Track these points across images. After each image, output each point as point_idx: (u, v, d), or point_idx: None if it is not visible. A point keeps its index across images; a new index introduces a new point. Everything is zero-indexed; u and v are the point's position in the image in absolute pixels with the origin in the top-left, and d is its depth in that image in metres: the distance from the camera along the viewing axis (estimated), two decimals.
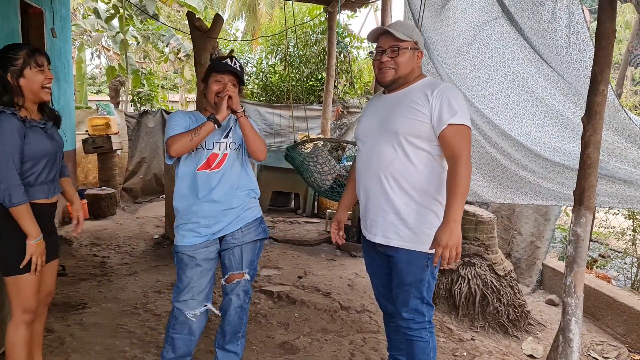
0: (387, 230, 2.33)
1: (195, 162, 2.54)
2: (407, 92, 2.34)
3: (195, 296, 2.57)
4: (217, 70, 2.55)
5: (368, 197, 2.40)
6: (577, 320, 2.18)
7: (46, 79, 2.33)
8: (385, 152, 2.31)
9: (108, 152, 8.22)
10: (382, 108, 2.40)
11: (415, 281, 2.31)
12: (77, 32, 14.21)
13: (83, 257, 5.18)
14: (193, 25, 5.31)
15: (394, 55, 2.30)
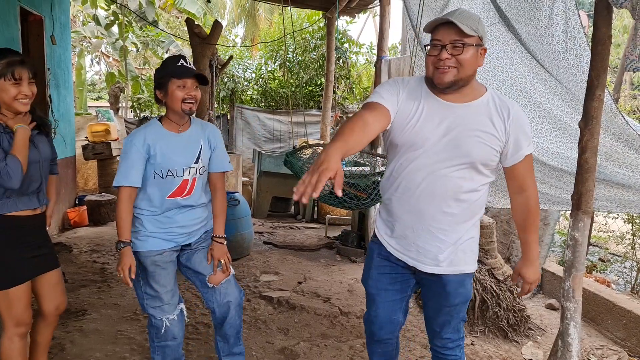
0: (440, 260, 2.10)
1: (166, 188, 2.46)
2: (474, 109, 2.02)
3: (170, 300, 2.57)
4: (177, 76, 2.38)
5: (418, 223, 2.09)
6: (576, 324, 2.18)
7: (20, 94, 2.23)
8: (454, 177, 2.02)
9: (108, 159, 8.24)
10: (449, 120, 2.01)
11: (462, 302, 2.19)
12: (76, 38, 14.26)
13: (83, 263, 5.17)
14: (192, 32, 5.34)
15: (456, 53, 1.91)
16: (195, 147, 2.51)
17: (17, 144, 2.22)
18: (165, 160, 2.42)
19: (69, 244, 5.81)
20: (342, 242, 6.12)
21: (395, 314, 2.29)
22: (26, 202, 2.34)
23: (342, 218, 7.46)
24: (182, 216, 2.53)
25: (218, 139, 2.64)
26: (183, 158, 2.46)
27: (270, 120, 11.04)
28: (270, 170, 7.80)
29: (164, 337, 2.60)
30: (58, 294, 2.54)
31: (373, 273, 2.27)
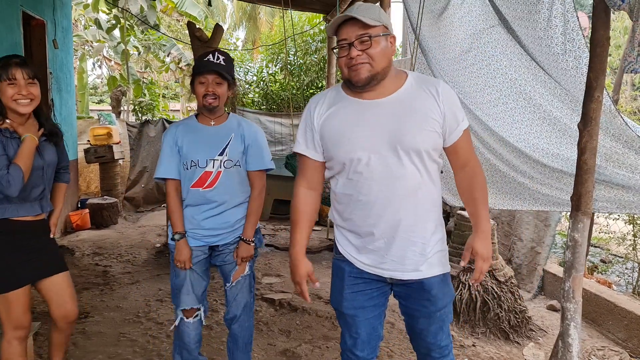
0: (419, 263, 1.97)
1: (189, 179, 2.51)
2: (409, 95, 1.91)
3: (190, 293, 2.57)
4: (198, 72, 2.44)
5: (393, 234, 1.94)
6: (576, 325, 2.19)
7: (16, 94, 2.24)
8: (409, 177, 1.90)
9: (110, 162, 8.26)
10: (381, 117, 1.90)
11: (448, 302, 2.08)
12: (78, 42, 14.31)
13: (85, 266, 5.19)
14: (193, 35, 5.36)
15: (365, 47, 1.83)
16: (223, 140, 2.52)
17: (22, 153, 2.23)
18: (189, 151, 2.49)
19: (72, 247, 5.83)
20: None
21: (376, 330, 2.12)
22: (27, 209, 2.34)
23: None
24: (209, 221, 2.53)
25: (254, 136, 2.59)
26: (207, 150, 2.50)
27: (272, 123, 11.03)
28: (272, 173, 7.75)
29: (179, 335, 2.61)
30: (65, 300, 2.51)
31: (346, 293, 2.07)
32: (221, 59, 2.45)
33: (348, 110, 1.94)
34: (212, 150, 2.50)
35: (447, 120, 1.90)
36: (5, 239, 2.30)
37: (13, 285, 2.30)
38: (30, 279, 2.39)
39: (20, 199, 2.30)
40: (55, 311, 2.50)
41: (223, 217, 2.55)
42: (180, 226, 2.52)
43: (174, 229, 2.53)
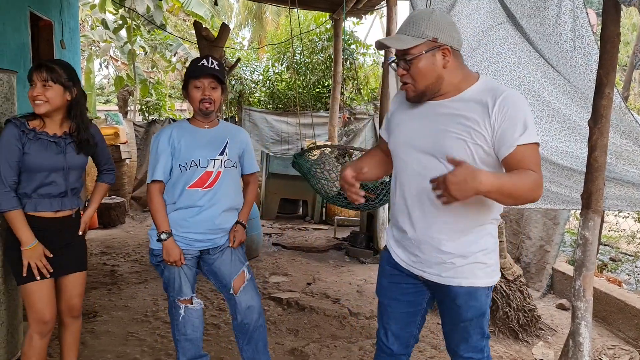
0: (443, 269, 1.93)
1: (187, 179, 2.49)
2: (461, 104, 1.83)
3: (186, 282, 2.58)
4: (194, 76, 2.45)
5: (416, 230, 1.94)
6: (587, 324, 2.17)
7: (31, 96, 2.34)
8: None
9: (117, 162, 8.28)
10: (427, 119, 1.89)
11: (477, 316, 1.96)
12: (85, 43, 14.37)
13: (93, 265, 5.21)
14: (200, 35, 5.38)
15: (407, 67, 1.82)
16: (221, 141, 2.56)
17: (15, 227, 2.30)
18: (189, 151, 2.48)
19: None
20: (351, 243, 6.12)
21: (408, 327, 2.13)
22: (45, 205, 2.38)
23: (350, 219, 7.46)
24: (203, 224, 2.51)
25: (247, 141, 2.72)
26: (207, 149, 2.51)
27: (278, 122, 11.05)
28: (279, 172, 7.81)
29: (183, 328, 2.60)
30: (74, 296, 2.57)
31: (383, 281, 2.14)
32: (215, 64, 2.48)
33: (408, 107, 1.99)
34: (212, 151, 2.52)
35: (497, 134, 1.76)
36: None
37: (32, 277, 2.33)
38: (53, 273, 2.42)
39: (38, 195, 2.36)
40: (62, 304, 2.54)
41: (217, 219, 2.54)
42: (166, 225, 2.49)
43: (160, 229, 2.48)
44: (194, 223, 2.50)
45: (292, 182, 7.65)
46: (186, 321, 2.60)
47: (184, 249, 2.53)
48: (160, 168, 2.48)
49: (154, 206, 2.52)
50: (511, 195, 1.67)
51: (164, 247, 2.48)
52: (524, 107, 1.78)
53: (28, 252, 2.31)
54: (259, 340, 2.68)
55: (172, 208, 2.53)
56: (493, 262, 1.96)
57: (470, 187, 1.56)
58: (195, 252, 2.57)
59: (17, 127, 2.29)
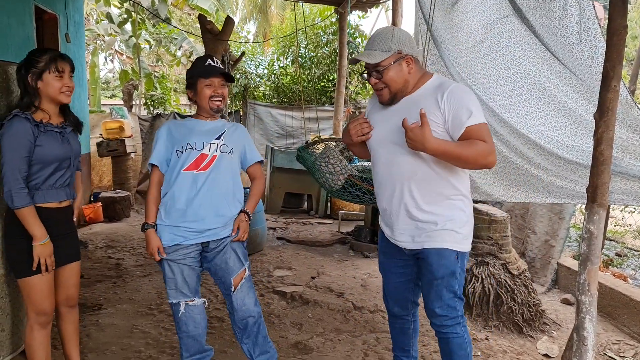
0: (416, 235, 2.33)
1: (182, 162, 2.50)
2: (415, 99, 2.29)
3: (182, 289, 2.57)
4: (204, 75, 2.54)
5: (391, 208, 2.38)
6: (592, 318, 2.16)
7: (64, 86, 2.37)
8: (405, 165, 2.29)
9: (122, 156, 8.30)
10: (392, 115, 2.33)
11: (447, 274, 2.31)
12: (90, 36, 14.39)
13: (98, 259, 5.23)
14: (204, 28, 5.37)
15: (379, 77, 2.27)
16: (219, 130, 2.62)
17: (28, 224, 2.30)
18: (186, 135, 2.55)
19: (85, 239, 5.88)
20: (355, 237, 6.12)
21: (403, 293, 2.58)
22: (54, 195, 2.42)
23: (355, 213, 7.46)
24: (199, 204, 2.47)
25: (245, 134, 2.78)
26: (205, 135, 2.56)
27: (283, 116, 11.05)
28: (283, 166, 7.81)
29: (184, 325, 2.59)
30: (71, 286, 2.59)
31: (381, 257, 2.63)
32: (219, 64, 2.62)
33: (378, 106, 2.44)
34: (209, 136, 2.57)
35: (449, 120, 2.19)
36: None
37: (37, 269, 2.34)
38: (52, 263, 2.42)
39: (48, 186, 2.39)
40: (59, 295, 2.55)
41: (214, 204, 2.52)
42: (152, 218, 2.55)
43: (146, 219, 2.55)
44: (192, 209, 2.47)
45: (296, 176, 7.65)
46: (187, 318, 2.59)
47: (182, 243, 2.51)
48: (156, 154, 2.56)
49: (148, 196, 2.60)
50: (459, 158, 2.14)
51: (145, 237, 2.54)
52: (468, 95, 2.21)
53: (40, 248, 2.32)
54: (259, 334, 2.68)
55: (168, 195, 2.53)
56: (463, 232, 2.34)
57: (419, 144, 2.10)
58: (197, 248, 2.55)
59: (29, 121, 2.28)
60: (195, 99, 2.59)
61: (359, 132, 2.43)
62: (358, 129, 2.42)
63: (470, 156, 2.12)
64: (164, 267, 2.56)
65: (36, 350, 2.44)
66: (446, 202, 2.30)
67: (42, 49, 2.44)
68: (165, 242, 2.51)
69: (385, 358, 3.25)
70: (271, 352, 2.75)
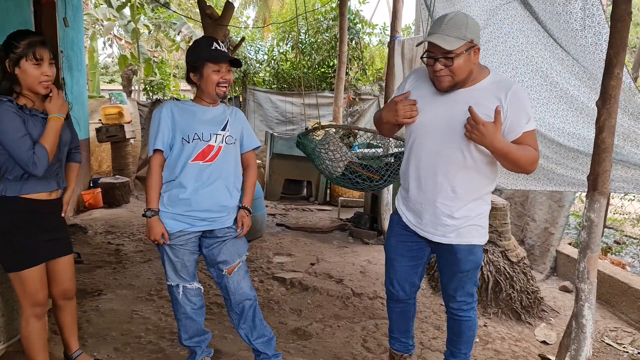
0: (446, 229, 2.35)
1: (189, 152, 2.47)
2: (476, 93, 2.22)
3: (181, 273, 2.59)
4: (213, 61, 2.46)
5: (424, 197, 2.36)
6: (591, 305, 2.16)
7: (42, 75, 2.23)
8: (452, 158, 2.26)
9: (121, 141, 8.28)
10: (446, 105, 2.27)
11: (473, 268, 2.43)
12: (89, 21, 14.27)
13: (98, 244, 5.24)
14: (204, 13, 5.32)
15: (448, 64, 2.15)
16: (222, 118, 2.59)
17: (48, 134, 2.23)
18: (192, 124, 2.49)
19: (84, 225, 5.88)
20: (354, 224, 6.12)
21: (411, 278, 2.60)
22: (44, 185, 2.35)
23: (354, 200, 7.46)
24: (204, 195, 2.48)
25: (243, 118, 2.74)
26: (210, 124, 2.53)
27: (283, 102, 11.01)
28: (283, 153, 7.78)
29: (182, 307, 2.62)
30: (66, 280, 2.55)
31: (392, 240, 2.59)
32: (224, 47, 2.54)
33: (428, 90, 2.34)
34: (215, 126, 2.53)
35: (508, 122, 2.17)
36: (20, 217, 2.30)
37: (27, 263, 2.32)
38: (44, 258, 2.41)
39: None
40: (55, 289, 2.53)
41: (218, 194, 2.52)
42: (155, 203, 2.50)
43: (149, 205, 2.50)
44: (196, 199, 2.48)
45: (296, 163, 7.63)
46: (185, 299, 2.62)
47: (187, 230, 2.52)
48: (160, 138, 2.49)
49: (149, 181, 2.52)
50: (514, 161, 2.15)
51: (147, 224, 2.49)
52: (527, 99, 2.24)
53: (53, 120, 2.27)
54: (255, 317, 2.69)
55: (173, 185, 2.51)
56: (486, 224, 2.42)
57: (488, 140, 2.08)
58: (198, 233, 2.57)
59: (12, 104, 2.19)
60: (200, 83, 2.52)
61: (407, 114, 2.33)
62: (407, 110, 2.33)
63: (525, 162, 2.15)
64: (164, 251, 2.56)
65: (33, 342, 2.42)
66: (479, 199, 2.34)
67: (22, 32, 2.26)
68: (170, 228, 2.50)
69: (384, 344, 3.26)
70: (269, 335, 2.76)
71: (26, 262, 2.32)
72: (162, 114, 2.51)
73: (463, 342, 2.60)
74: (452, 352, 2.66)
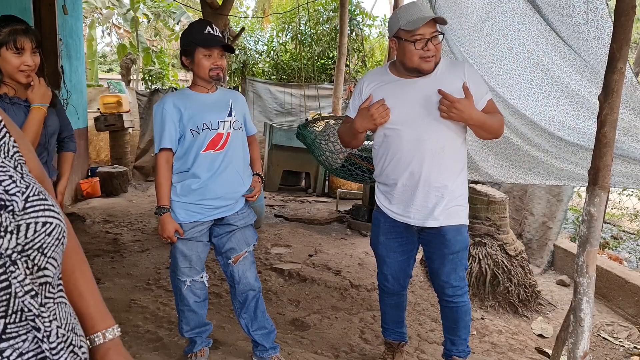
0: (438, 214, 2.40)
1: (200, 143, 2.45)
2: (438, 77, 2.35)
3: (196, 266, 2.60)
4: (205, 45, 2.40)
5: (413, 186, 2.41)
6: (589, 300, 2.16)
7: (22, 64, 2.15)
8: (435, 139, 2.34)
9: (119, 130, 8.26)
10: (415, 94, 2.36)
11: (462, 248, 2.49)
12: (88, 9, 14.18)
13: (96, 233, 5.23)
14: (204, 2, 5.28)
15: (436, 43, 2.27)
16: (225, 103, 2.56)
17: (29, 123, 2.18)
18: (199, 115, 2.46)
19: (82, 214, 5.87)
20: (353, 216, 6.13)
21: (405, 270, 2.67)
22: None
23: (353, 192, 7.46)
24: (218, 183, 2.49)
25: (244, 103, 2.71)
26: (216, 112, 2.50)
27: (282, 94, 10.96)
28: (282, 144, 7.77)
29: (185, 299, 2.62)
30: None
31: (382, 239, 2.61)
32: (219, 32, 2.48)
33: (391, 85, 2.42)
34: (221, 113, 2.51)
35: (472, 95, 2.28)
36: None
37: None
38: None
39: None
40: None
41: (231, 180, 2.53)
42: (166, 200, 2.47)
43: (160, 202, 2.47)
44: (211, 187, 2.48)
45: (295, 154, 7.62)
46: (190, 292, 2.62)
47: (200, 220, 2.52)
48: (167, 135, 2.44)
49: (158, 178, 2.48)
50: (489, 128, 2.33)
51: (160, 222, 2.47)
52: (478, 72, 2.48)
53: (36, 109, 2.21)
54: (257, 309, 2.70)
55: (186, 175, 2.50)
56: (467, 205, 2.52)
57: (467, 114, 2.23)
58: (210, 223, 2.57)
59: None
60: (192, 67, 2.48)
61: (383, 114, 2.36)
62: (381, 111, 2.36)
63: (498, 126, 2.35)
64: (178, 246, 2.54)
65: None
66: (460, 176, 2.44)
67: (5, 17, 2.16)
68: (183, 219, 2.50)
69: (381, 335, 3.27)
70: (269, 328, 2.76)
71: None
72: (164, 109, 2.45)
73: (462, 328, 2.63)
74: (451, 340, 2.68)
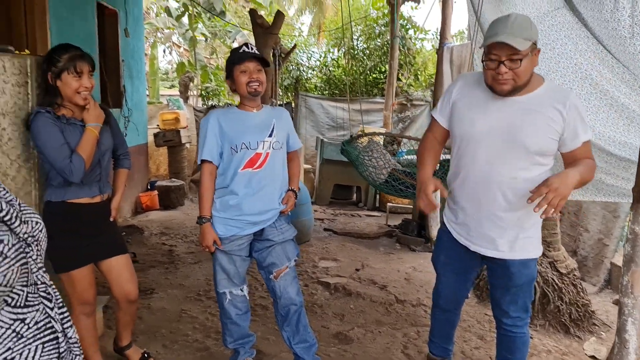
0: (499, 245, 2.27)
1: (238, 162, 2.53)
2: (536, 102, 2.12)
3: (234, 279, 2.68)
4: (238, 62, 2.49)
5: (478, 211, 2.28)
6: (634, 320, 2.10)
7: (81, 87, 2.31)
8: (509, 167, 2.16)
9: (177, 146, 8.57)
10: (504, 112, 2.15)
11: (527, 282, 2.35)
12: (150, 30, 14.86)
13: (153, 245, 5.46)
14: (255, 22, 5.47)
15: (514, 67, 2.02)
16: (268, 123, 2.61)
17: (84, 143, 2.34)
18: (239, 133, 2.54)
19: (141, 226, 6.14)
20: (402, 230, 6.11)
21: (459, 292, 2.58)
22: (86, 191, 2.45)
23: (403, 207, 7.43)
24: (256, 204, 2.57)
25: (289, 120, 2.78)
26: (257, 132, 2.56)
27: (334, 108, 11.08)
28: (332, 158, 7.85)
29: (228, 312, 2.72)
30: (124, 281, 2.63)
31: (442, 257, 2.55)
32: (255, 49, 2.56)
33: (480, 97, 2.23)
34: (261, 133, 2.57)
35: (567, 132, 2.11)
36: (66, 220, 2.42)
37: (75, 264, 2.44)
38: (91, 259, 2.52)
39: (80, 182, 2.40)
40: (116, 291, 2.64)
41: (268, 198, 2.60)
42: (207, 211, 2.57)
43: (201, 212, 2.58)
44: (248, 205, 2.56)
45: (345, 168, 7.68)
46: (231, 306, 2.72)
47: (238, 234, 2.60)
48: (208, 149, 2.55)
49: (200, 189, 2.61)
50: (585, 182, 2.12)
51: (200, 231, 2.59)
52: (584, 108, 2.17)
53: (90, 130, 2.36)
54: (299, 323, 2.75)
55: (225, 192, 2.59)
56: (539, 236, 2.32)
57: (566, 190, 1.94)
58: (250, 238, 2.65)
59: (50, 114, 2.29)
60: (234, 88, 2.57)
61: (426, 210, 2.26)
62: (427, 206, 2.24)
63: (591, 176, 2.15)
64: (218, 258, 2.65)
65: (84, 338, 2.51)
66: (530, 208, 2.14)
67: (64, 46, 2.35)
68: (222, 233, 2.59)
69: (425, 351, 3.25)
70: (310, 341, 2.81)
71: (73, 263, 2.43)
72: (209, 124, 2.56)
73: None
74: None
